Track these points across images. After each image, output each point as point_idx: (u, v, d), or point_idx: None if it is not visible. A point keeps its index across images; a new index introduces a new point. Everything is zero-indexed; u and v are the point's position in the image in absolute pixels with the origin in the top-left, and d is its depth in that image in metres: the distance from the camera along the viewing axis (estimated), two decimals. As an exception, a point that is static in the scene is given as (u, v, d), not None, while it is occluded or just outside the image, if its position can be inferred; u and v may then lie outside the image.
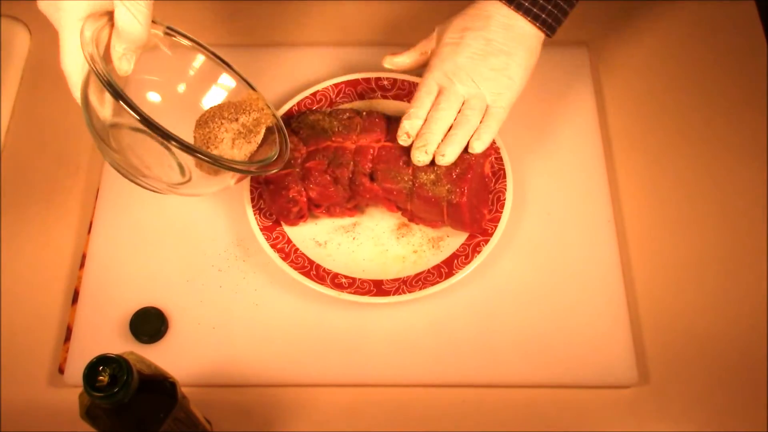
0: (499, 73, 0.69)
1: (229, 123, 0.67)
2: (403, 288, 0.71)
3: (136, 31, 0.60)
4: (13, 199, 0.80)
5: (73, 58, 0.60)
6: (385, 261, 0.74)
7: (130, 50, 0.61)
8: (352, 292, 0.71)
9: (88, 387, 0.49)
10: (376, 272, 0.73)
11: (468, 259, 0.72)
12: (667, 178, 0.80)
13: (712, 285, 0.75)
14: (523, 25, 0.70)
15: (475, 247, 0.73)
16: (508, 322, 0.72)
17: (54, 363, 0.72)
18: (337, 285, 0.72)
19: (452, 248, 0.74)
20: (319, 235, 0.76)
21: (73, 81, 0.61)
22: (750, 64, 0.87)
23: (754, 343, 0.72)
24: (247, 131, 0.68)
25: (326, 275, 0.72)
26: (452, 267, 0.72)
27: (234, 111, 0.68)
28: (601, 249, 0.75)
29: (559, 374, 0.70)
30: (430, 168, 0.70)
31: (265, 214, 0.75)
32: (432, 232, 0.75)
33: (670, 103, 0.85)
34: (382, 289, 0.72)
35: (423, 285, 0.71)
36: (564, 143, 0.81)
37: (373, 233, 0.76)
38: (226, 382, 0.71)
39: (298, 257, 0.73)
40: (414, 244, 0.75)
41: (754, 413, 0.69)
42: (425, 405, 0.70)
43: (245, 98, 0.70)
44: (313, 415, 0.70)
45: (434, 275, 0.72)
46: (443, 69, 0.70)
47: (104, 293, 0.74)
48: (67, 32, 0.60)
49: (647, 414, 0.70)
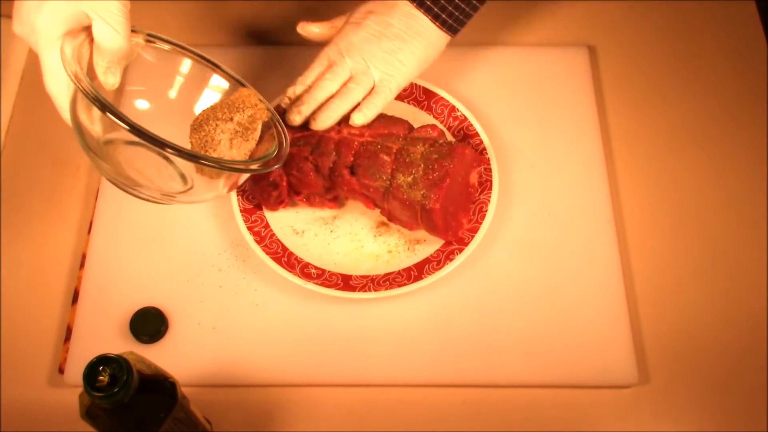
0: (390, 55, 0.72)
1: (224, 123, 0.66)
2: (370, 285, 0.72)
3: (116, 43, 0.58)
4: (13, 199, 0.80)
5: (56, 78, 0.59)
6: (358, 257, 0.75)
7: (114, 63, 0.60)
8: (319, 284, 0.71)
9: (88, 387, 0.49)
10: (347, 267, 0.74)
11: (439, 265, 0.72)
12: (667, 178, 0.80)
13: (712, 285, 0.75)
14: (422, 21, 0.72)
15: (449, 255, 0.72)
16: (508, 322, 0.72)
17: (54, 363, 0.72)
18: (306, 275, 0.72)
19: (426, 253, 0.74)
20: (297, 223, 0.76)
21: (60, 102, 0.60)
22: (750, 64, 0.87)
23: (754, 343, 0.72)
24: (244, 129, 0.67)
25: (297, 263, 0.73)
26: (422, 271, 0.72)
27: (227, 110, 0.67)
28: (601, 249, 0.75)
29: (559, 374, 0.70)
30: (408, 170, 0.70)
31: (248, 197, 0.76)
32: (410, 234, 0.75)
33: (670, 103, 0.85)
34: (349, 285, 0.72)
35: (390, 285, 0.71)
36: (564, 143, 0.81)
37: (352, 228, 0.76)
38: (226, 382, 0.71)
39: (272, 242, 0.74)
40: (390, 243, 0.75)
41: (754, 413, 0.69)
42: (425, 405, 0.70)
43: (237, 96, 0.69)
44: (313, 415, 0.70)
45: (402, 277, 0.72)
46: (339, 45, 0.73)
47: (104, 293, 0.74)
48: (46, 53, 0.58)
49: (647, 414, 0.70)
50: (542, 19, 0.90)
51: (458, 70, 0.85)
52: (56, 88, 0.59)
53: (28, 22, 0.58)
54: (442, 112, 0.80)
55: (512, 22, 0.90)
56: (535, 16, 0.91)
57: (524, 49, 0.87)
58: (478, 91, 0.84)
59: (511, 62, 0.86)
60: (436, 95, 0.81)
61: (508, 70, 0.85)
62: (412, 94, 0.81)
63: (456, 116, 0.80)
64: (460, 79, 0.84)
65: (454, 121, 0.80)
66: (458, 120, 0.79)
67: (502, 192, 0.77)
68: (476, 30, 0.89)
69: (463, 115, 0.79)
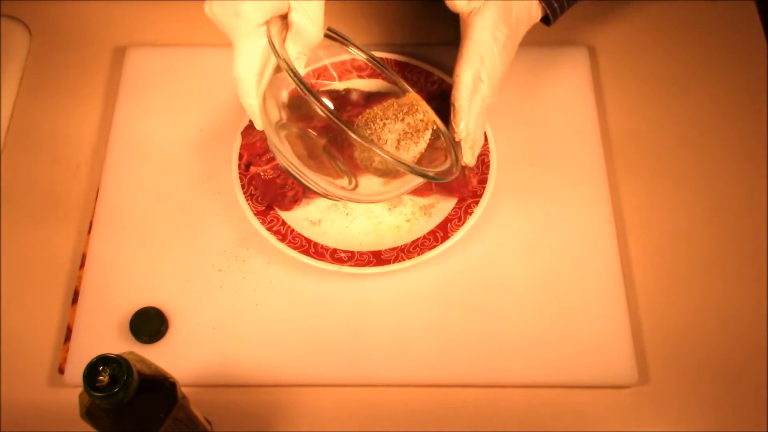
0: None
1: (394, 123, 0.66)
2: (401, 255, 0.72)
3: (311, 32, 0.60)
4: (13, 199, 0.80)
5: (248, 64, 0.61)
6: (380, 233, 0.75)
7: (304, 53, 0.62)
8: (353, 265, 0.72)
9: (88, 387, 0.49)
10: (372, 244, 0.74)
11: (461, 221, 0.73)
12: (667, 178, 0.80)
13: (712, 285, 0.75)
14: None
15: (467, 209, 0.74)
16: (508, 321, 0.72)
17: (54, 363, 0.72)
18: (337, 260, 0.73)
19: (444, 213, 0.75)
20: (312, 214, 0.76)
21: (247, 87, 0.62)
22: (750, 64, 0.87)
23: (754, 343, 0.72)
24: (414, 131, 0.66)
25: (325, 252, 0.73)
26: (447, 230, 0.73)
27: (398, 111, 0.67)
28: (601, 249, 0.75)
29: (559, 374, 0.70)
30: None
31: (256, 199, 0.76)
32: (422, 200, 0.76)
33: (670, 103, 0.85)
34: (382, 259, 0.72)
35: (421, 251, 0.72)
36: (564, 143, 0.81)
37: (366, 207, 0.77)
38: (226, 382, 0.71)
39: (294, 237, 0.74)
40: (406, 213, 0.76)
41: (754, 413, 0.69)
42: (425, 405, 0.70)
43: (407, 99, 0.68)
44: (313, 415, 0.70)
45: (430, 240, 0.73)
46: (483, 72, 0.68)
47: (104, 293, 0.74)
48: (244, 39, 0.61)
49: (647, 414, 0.70)
50: (542, 19, 0.90)
51: (458, 70, 0.85)
52: (247, 72, 0.62)
53: (232, 6, 0.60)
54: (418, 80, 0.81)
55: (512, 22, 0.90)
56: (535, 16, 0.90)
57: (524, 49, 0.86)
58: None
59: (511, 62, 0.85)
60: (409, 65, 0.82)
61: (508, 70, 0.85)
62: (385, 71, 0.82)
63: (433, 80, 0.81)
64: (460, 79, 0.84)
65: (432, 86, 0.81)
66: (436, 84, 0.81)
67: (502, 192, 0.78)
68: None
69: (440, 78, 0.81)
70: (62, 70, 0.88)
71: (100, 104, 0.86)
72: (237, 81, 0.63)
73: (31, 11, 0.92)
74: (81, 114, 0.85)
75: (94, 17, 0.91)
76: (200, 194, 0.78)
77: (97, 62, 0.88)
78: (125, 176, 0.80)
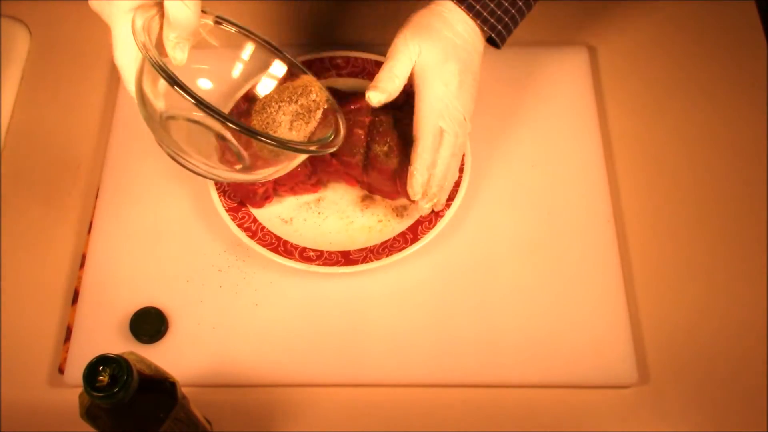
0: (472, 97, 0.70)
1: (288, 105, 0.67)
2: (370, 256, 0.72)
3: (186, 16, 0.59)
4: (13, 199, 0.80)
5: (125, 50, 0.60)
6: (351, 233, 0.76)
7: (183, 38, 0.61)
8: (321, 264, 0.72)
9: (88, 387, 0.49)
10: (343, 244, 0.75)
11: (432, 224, 0.73)
12: (667, 178, 0.80)
13: (712, 285, 0.75)
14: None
15: (437, 213, 0.74)
16: (507, 321, 0.72)
17: (54, 363, 0.72)
18: (305, 258, 0.73)
19: (415, 215, 0.75)
20: (284, 212, 0.77)
21: (127, 74, 0.62)
22: (750, 64, 0.87)
23: (754, 343, 0.72)
24: (307, 112, 0.68)
25: (294, 250, 0.73)
26: (417, 232, 0.73)
27: (292, 93, 0.68)
28: (601, 249, 0.75)
29: (559, 374, 0.70)
30: (383, 140, 0.71)
31: (229, 195, 0.76)
32: (395, 202, 0.76)
33: (670, 103, 0.85)
34: (350, 259, 0.72)
35: (389, 252, 0.72)
36: (564, 143, 0.81)
37: (338, 207, 0.77)
38: (226, 382, 0.71)
39: (265, 235, 0.74)
40: (378, 214, 0.76)
41: (753, 413, 0.69)
42: (425, 405, 0.70)
43: (301, 81, 0.69)
44: (313, 415, 0.70)
45: (400, 242, 0.73)
46: (446, 114, 0.68)
47: (104, 293, 0.74)
48: (119, 25, 0.60)
49: (647, 414, 0.70)
50: (542, 19, 0.90)
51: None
52: (125, 60, 0.61)
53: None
54: None
55: (512, 22, 0.90)
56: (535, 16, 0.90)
57: (524, 49, 0.87)
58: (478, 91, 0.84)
59: (511, 62, 0.86)
60: None
61: (508, 70, 0.85)
62: (364, 69, 0.82)
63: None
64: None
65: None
66: None
67: (502, 192, 0.78)
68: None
69: None
70: (62, 70, 0.88)
71: (100, 104, 0.86)
72: (119, 69, 0.62)
73: (31, 11, 0.92)
74: (81, 114, 0.85)
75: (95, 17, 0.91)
76: (200, 194, 0.78)
77: (97, 62, 0.88)
78: (125, 176, 0.80)
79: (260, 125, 0.68)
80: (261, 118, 0.68)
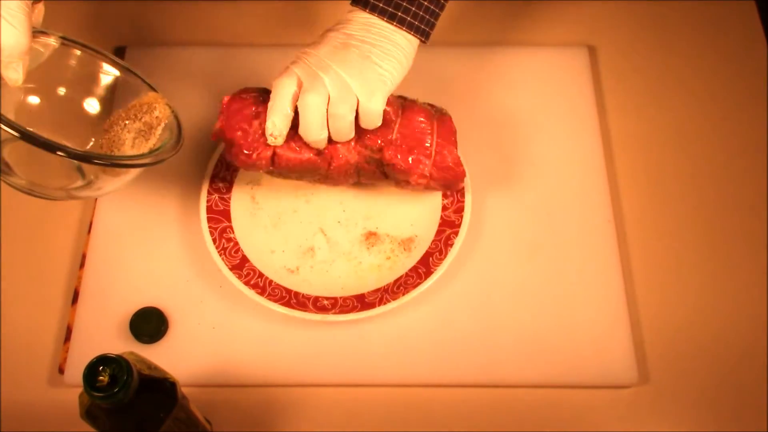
0: (365, 60, 0.66)
1: (132, 123, 0.68)
2: (386, 297, 0.71)
3: (14, 38, 0.57)
4: (13, 199, 0.80)
5: None
6: (361, 274, 0.73)
7: (14, 58, 0.59)
8: (337, 312, 0.70)
9: (88, 387, 0.49)
10: (355, 287, 0.72)
11: (442, 255, 0.72)
12: (667, 178, 0.80)
13: (712, 285, 0.75)
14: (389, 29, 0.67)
15: (447, 241, 0.73)
16: (508, 322, 0.72)
17: (54, 363, 0.72)
18: (320, 308, 0.71)
19: (424, 247, 0.74)
20: (289, 262, 0.74)
21: None
22: (750, 64, 0.87)
23: (754, 343, 0.72)
24: (148, 128, 0.68)
25: (307, 301, 0.71)
26: (429, 265, 0.72)
27: (137, 112, 0.69)
28: (601, 249, 0.75)
29: (559, 374, 0.70)
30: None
31: (229, 252, 0.74)
32: (401, 236, 0.75)
33: (670, 103, 0.85)
34: (366, 303, 0.71)
35: (405, 290, 0.71)
36: (564, 143, 0.81)
37: (342, 249, 0.75)
38: (226, 382, 0.71)
39: (274, 289, 0.72)
40: (386, 251, 0.75)
41: (754, 413, 0.69)
42: (425, 405, 0.70)
43: (146, 99, 0.70)
44: (313, 415, 0.70)
45: (413, 277, 0.72)
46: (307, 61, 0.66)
47: (104, 293, 0.74)
48: None
49: (647, 414, 0.70)
50: (542, 19, 0.90)
51: (458, 70, 0.85)
52: None
53: None
54: None
55: (512, 22, 0.90)
56: (535, 16, 0.91)
57: (524, 49, 0.87)
58: (478, 91, 0.84)
59: (511, 62, 0.86)
60: None
61: (508, 70, 0.85)
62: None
63: None
64: (460, 78, 0.84)
65: None
66: None
67: (502, 192, 0.78)
68: (476, 30, 0.89)
69: None
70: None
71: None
72: None
73: (31, 11, 0.92)
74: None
75: (94, 17, 0.91)
76: (200, 194, 0.78)
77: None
78: (125, 176, 0.80)
79: (107, 144, 0.69)
80: (108, 137, 0.69)
